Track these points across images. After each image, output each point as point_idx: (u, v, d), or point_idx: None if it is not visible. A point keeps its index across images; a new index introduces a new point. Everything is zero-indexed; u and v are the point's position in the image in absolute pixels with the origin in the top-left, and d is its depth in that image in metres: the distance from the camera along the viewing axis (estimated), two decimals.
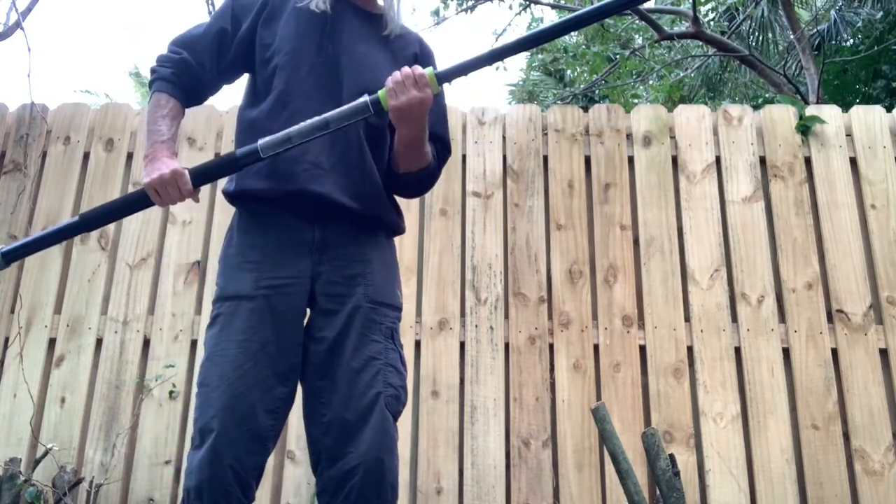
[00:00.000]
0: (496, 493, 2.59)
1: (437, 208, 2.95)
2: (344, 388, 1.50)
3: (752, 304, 2.78)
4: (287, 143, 1.47)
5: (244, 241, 1.58)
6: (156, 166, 1.50)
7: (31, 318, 2.83)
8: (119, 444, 2.64)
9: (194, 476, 1.43)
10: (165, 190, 1.49)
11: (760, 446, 2.61)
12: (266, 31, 1.64)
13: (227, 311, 1.52)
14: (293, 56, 1.61)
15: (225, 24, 1.66)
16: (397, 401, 1.56)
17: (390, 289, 1.64)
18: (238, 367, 1.46)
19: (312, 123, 1.47)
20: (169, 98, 1.61)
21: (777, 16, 8.48)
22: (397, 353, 1.60)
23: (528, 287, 2.83)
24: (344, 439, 1.48)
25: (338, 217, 1.57)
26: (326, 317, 1.55)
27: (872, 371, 2.68)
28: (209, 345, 1.53)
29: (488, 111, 3.10)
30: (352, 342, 1.52)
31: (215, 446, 1.41)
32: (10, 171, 3.04)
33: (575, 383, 2.71)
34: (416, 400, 2.70)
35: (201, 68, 1.64)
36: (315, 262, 1.56)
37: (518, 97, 12.73)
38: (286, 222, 1.56)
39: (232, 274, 1.56)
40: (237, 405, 1.43)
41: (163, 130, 1.57)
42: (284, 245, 1.56)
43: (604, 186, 2.97)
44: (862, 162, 2.96)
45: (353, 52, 1.64)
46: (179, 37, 1.68)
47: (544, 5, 7.56)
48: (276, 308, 1.51)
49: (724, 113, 3.07)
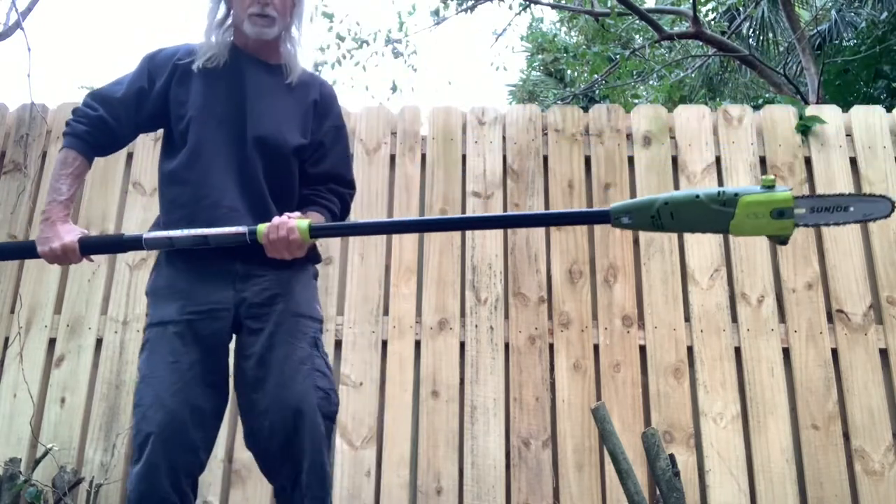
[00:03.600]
0: (496, 493, 2.59)
1: (437, 208, 2.95)
2: (275, 396, 1.63)
3: (752, 304, 2.78)
4: (168, 244, 1.64)
5: (172, 274, 1.72)
6: (49, 234, 1.67)
7: (31, 318, 2.83)
8: (119, 444, 2.64)
9: (135, 489, 1.56)
10: (56, 260, 1.67)
11: (760, 446, 2.61)
12: (180, 90, 1.78)
13: (156, 337, 1.66)
14: (203, 111, 1.75)
15: (142, 82, 1.79)
16: (328, 402, 1.68)
17: (308, 303, 1.78)
18: (170, 387, 1.59)
19: (195, 236, 1.62)
20: (77, 156, 1.75)
21: (777, 16, 8.47)
22: (322, 360, 1.73)
23: (528, 287, 2.83)
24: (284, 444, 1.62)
25: (257, 252, 1.67)
26: (252, 335, 1.69)
27: (872, 371, 2.68)
28: (142, 369, 1.65)
29: (488, 111, 3.10)
30: (281, 351, 1.66)
31: (151, 460, 1.54)
32: (10, 171, 3.05)
33: (575, 383, 2.71)
34: (416, 400, 2.70)
35: (117, 122, 1.78)
36: (238, 290, 1.70)
37: (518, 97, 12.73)
38: (211, 258, 1.69)
39: (160, 303, 1.70)
40: (169, 421, 1.56)
41: (63, 190, 1.71)
42: (210, 276, 1.69)
43: (604, 186, 2.97)
44: (862, 162, 2.96)
45: (256, 105, 1.77)
46: (98, 92, 1.81)
47: (544, 5, 7.57)
48: (199, 332, 1.65)
49: (724, 113, 3.07)
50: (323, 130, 1.86)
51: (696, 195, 1.46)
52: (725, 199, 1.44)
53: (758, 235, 1.46)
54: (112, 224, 2.94)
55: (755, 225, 1.43)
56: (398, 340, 2.77)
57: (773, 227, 1.43)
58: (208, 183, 1.70)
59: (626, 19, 7.47)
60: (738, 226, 1.44)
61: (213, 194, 1.69)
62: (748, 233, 1.45)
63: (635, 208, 1.50)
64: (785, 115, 3.06)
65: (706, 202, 1.46)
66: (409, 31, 7.01)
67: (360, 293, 2.79)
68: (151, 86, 1.79)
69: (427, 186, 2.98)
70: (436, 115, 3.09)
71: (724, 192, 1.45)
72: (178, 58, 1.80)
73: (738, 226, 1.44)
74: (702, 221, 1.47)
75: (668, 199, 1.48)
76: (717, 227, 1.46)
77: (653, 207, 1.48)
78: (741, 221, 1.43)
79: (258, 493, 2.59)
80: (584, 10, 7.57)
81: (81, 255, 1.69)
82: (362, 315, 2.77)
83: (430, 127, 3.07)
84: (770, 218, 1.42)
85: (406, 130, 3.05)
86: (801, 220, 1.46)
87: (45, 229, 1.68)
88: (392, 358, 2.74)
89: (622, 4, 6.40)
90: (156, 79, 1.80)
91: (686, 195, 1.48)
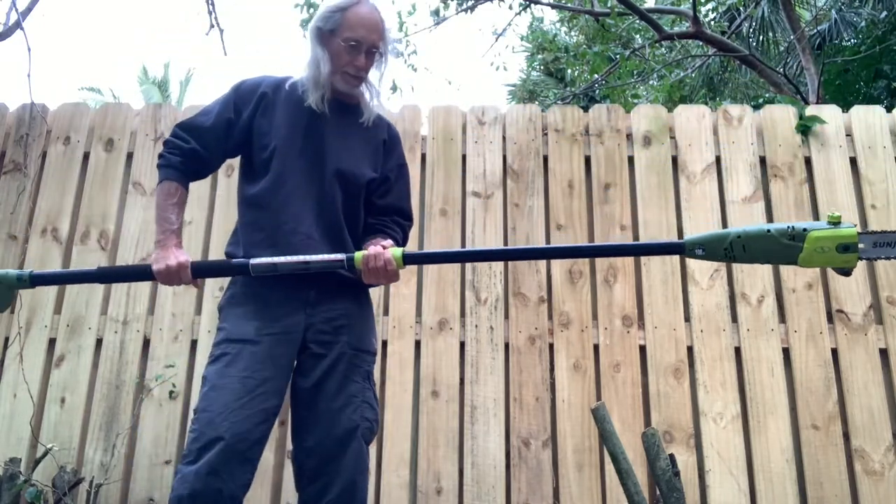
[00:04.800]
0: (496, 493, 2.59)
1: (437, 208, 2.95)
2: (326, 420, 1.78)
3: (752, 304, 2.78)
4: (273, 269, 1.74)
5: (249, 294, 1.84)
6: (164, 254, 1.78)
7: (31, 318, 2.83)
8: (119, 444, 2.64)
9: (188, 485, 1.61)
10: (169, 278, 1.78)
11: (760, 446, 2.61)
12: (263, 120, 1.91)
13: (233, 351, 1.76)
14: (286, 142, 1.88)
15: (230, 114, 1.92)
16: (371, 432, 1.85)
17: (368, 338, 1.93)
18: (238, 399, 1.68)
19: (298, 262, 1.73)
20: (178, 186, 1.88)
21: (777, 16, 8.47)
22: (371, 392, 1.88)
23: (528, 287, 2.83)
24: (325, 461, 1.76)
25: (327, 279, 1.83)
26: (315, 359, 1.82)
27: (872, 371, 2.68)
28: (213, 377, 1.74)
29: (488, 111, 3.10)
30: (335, 382, 1.80)
31: (214, 462, 1.61)
32: (10, 171, 3.05)
33: (575, 383, 2.71)
34: (416, 400, 2.70)
35: (208, 152, 1.91)
36: (308, 315, 1.83)
37: (518, 97, 12.73)
38: (286, 282, 1.81)
39: (237, 321, 1.81)
40: (237, 430, 1.64)
41: (172, 220, 1.84)
42: (283, 300, 1.82)
43: (604, 186, 2.97)
44: (862, 162, 2.96)
45: (335, 141, 1.92)
46: (187, 123, 1.93)
47: (544, 5, 7.56)
48: (273, 353, 1.77)
49: (724, 113, 3.07)
50: (389, 167, 2.02)
51: (767, 230, 1.58)
52: (795, 234, 1.56)
53: (824, 267, 1.59)
54: (112, 224, 2.95)
55: (822, 258, 1.54)
56: (398, 340, 2.77)
57: (839, 260, 1.53)
58: (288, 210, 1.84)
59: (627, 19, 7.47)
60: (806, 259, 1.54)
61: (291, 221, 1.83)
62: (815, 265, 1.56)
63: (708, 241, 1.62)
64: (785, 115, 3.06)
65: (777, 237, 1.57)
66: (409, 31, 7.00)
67: None
68: (238, 116, 1.92)
69: (427, 186, 2.98)
70: (436, 115, 3.09)
71: (794, 228, 1.56)
72: (262, 89, 1.94)
73: (807, 259, 1.54)
74: (771, 254, 1.58)
75: (741, 233, 1.60)
76: (786, 259, 1.57)
77: (726, 240, 1.60)
78: (809, 255, 1.54)
79: (258, 493, 2.59)
80: (584, 10, 7.56)
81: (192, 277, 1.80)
82: None
83: (430, 127, 3.07)
84: (836, 252, 1.53)
85: (406, 130, 3.05)
86: (864, 253, 1.56)
87: (160, 252, 1.80)
88: (392, 358, 2.74)
89: (622, 4, 6.40)
90: (242, 110, 1.93)
91: (758, 230, 1.59)
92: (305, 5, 6.30)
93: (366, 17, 1.89)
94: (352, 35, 1.86)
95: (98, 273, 1.95)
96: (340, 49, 1.88)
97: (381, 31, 1.91)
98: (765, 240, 1.58)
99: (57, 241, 2.93)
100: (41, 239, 2.94)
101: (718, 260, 1.62)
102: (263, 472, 2.61)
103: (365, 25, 1.87)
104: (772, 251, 1.57)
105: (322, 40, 1.90)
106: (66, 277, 2.41)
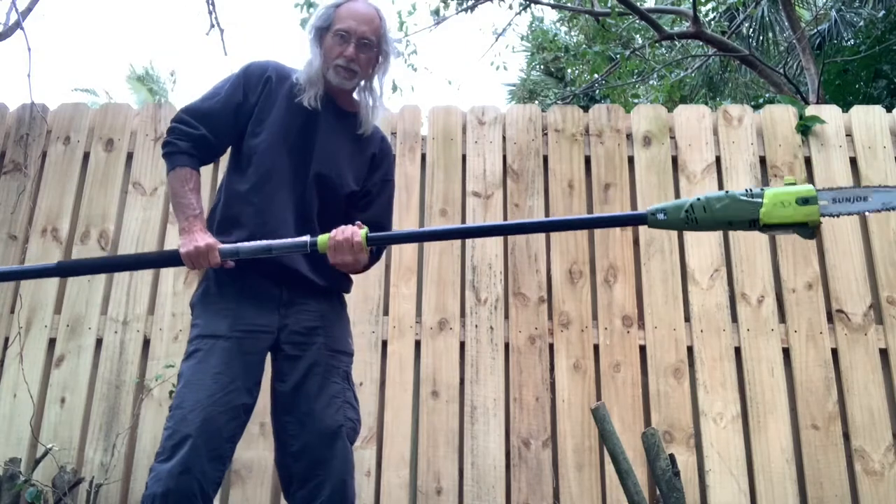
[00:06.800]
0: (496, 493, 2.59)
1: (437, 208, 2.95)
2: (310, 422, 1.78)
3: (752, 304, 2.78)
4: (235, 254, 1.73)
5: (223, 292, 1.83)
6: (192, 237, 1.76)
7: (31, 318, 2.83)
8: (119, 444, 2.64)
9: (162, 483, 1.61)
10: (198, 259, 1.74)
11: (760, 446, 2.61)
12: (263, 108, 1.91)
13: (206, 347, 1.75)
14: (278, 137, 1.87)
15: (239, 98, 1.90)
16: (354, 432, 1.86)
17: (344, 339, 1.93)
18: (211, 396, 1.68)
19: (259, 247, 1.73)
20: (192, 172, 1.85)
21: (777, 16, 8.48)
22: (352, 392, 1.89)
23: (528, 287, 2.83)
24: (314, 464, 1.76)
25: (303, 284, 1.86)
26: (290, 361, 1.83)
27: (872, 371, 2.68)
28: (187, 373, 1.74)
29: (488, 111, 3.10)
30: (315, 384, 1.81)
31: (187, 460, 1.61)
32: (10, 171, 3.05)
33: (575, 383, 2.71)
34: (416, 400, 2.70)
35: (217, 138, 1.89)
36: (282, 315, 1.83)
37: (518, 97, 12.72)
38: (260, 283, 1.83)
39: (211, 317, 1.80)
40: (208, 427, 1.65)
41: (194, 205, 1.81)
42: (257, 299, 1.82)
43: (604, 186, 2.97)
44: (862, 162, 2.96)
45: (324, 144, 1.91)
46: (193, 108, 1.90)
47: (544, 5, 7.57)
48: (245, 349, 1.76)
49: (724, 113, 3.07)
50: (373, 181, 2.00)
51: (726, 192, 1.63)
52: (753, 193, 1.60)
53: (788, 223, 1.58)
54: (112, 224, 2.95)
55: (784, 213, 1.56)
56: (398, 340, 2.77)
57: (801, 213, 1.55)
58: (270, 210, 1.83)
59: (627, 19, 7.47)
60: (768, 213, 1.56)
61: (271, 222, 1.82)
62: (777, 220, 1.56)
63: (669, 207, 1.65)
64: (785, 114, 3.06)
65: (736, 196, 1.60)
66: (409, 31, 7.00)
67: (360, 293, 2.79)
68: (246, 100, 1.91)
69: (427, 186, 2.98)
70: (436, 115, 3.09)
71: (752, 189, 1.61)
72: (268, 73, 1.93)
73: (769, 213, 1.56)
74: (733, 213, 1.60)
75: (701, 196, 1.63)
76: (748, 216, 1.58)
77: (686, 204, 1.63)
78: (770, 210, 1.56)
79: (258, 493, 2.59)
80: (584, 9, 7.56)
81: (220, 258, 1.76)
82: (362, 315, 2.77)
83: (430, 127, 3.07)
84: (796, 205, 1.55)
85: (406, 130, 3.05)
86: (825, 209, 1.58)
87: (187, 237, 1.77)
88: (392, 358, 2.74)
89: (622, 4, 6.40)
90: (248, 94, 1.91)
91: (717, 193, 1.63)
92: (305, 5, 6.30)
93: (357, 9, 1.90)
94: (341, 26, 1.88)
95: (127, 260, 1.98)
96: (332, 42, 1.89)
97: (375, 26, 1.90)
98: (724, 199, 1.61)
99: (57, 241, 2.93)
100: (41, 239, 2.94)
101: (680, 227, 1.65)
102: (263, 472, 2.61)
103: (355, 17, 1.88)
104: (733, 210, 1.59)
105: (318, 38, 1.92)
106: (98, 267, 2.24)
